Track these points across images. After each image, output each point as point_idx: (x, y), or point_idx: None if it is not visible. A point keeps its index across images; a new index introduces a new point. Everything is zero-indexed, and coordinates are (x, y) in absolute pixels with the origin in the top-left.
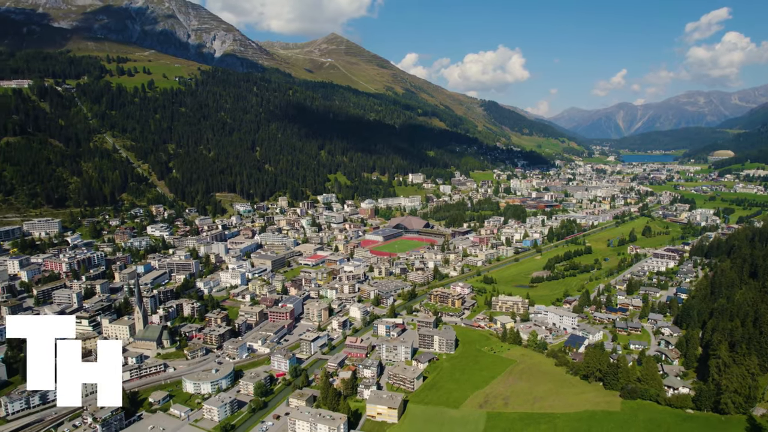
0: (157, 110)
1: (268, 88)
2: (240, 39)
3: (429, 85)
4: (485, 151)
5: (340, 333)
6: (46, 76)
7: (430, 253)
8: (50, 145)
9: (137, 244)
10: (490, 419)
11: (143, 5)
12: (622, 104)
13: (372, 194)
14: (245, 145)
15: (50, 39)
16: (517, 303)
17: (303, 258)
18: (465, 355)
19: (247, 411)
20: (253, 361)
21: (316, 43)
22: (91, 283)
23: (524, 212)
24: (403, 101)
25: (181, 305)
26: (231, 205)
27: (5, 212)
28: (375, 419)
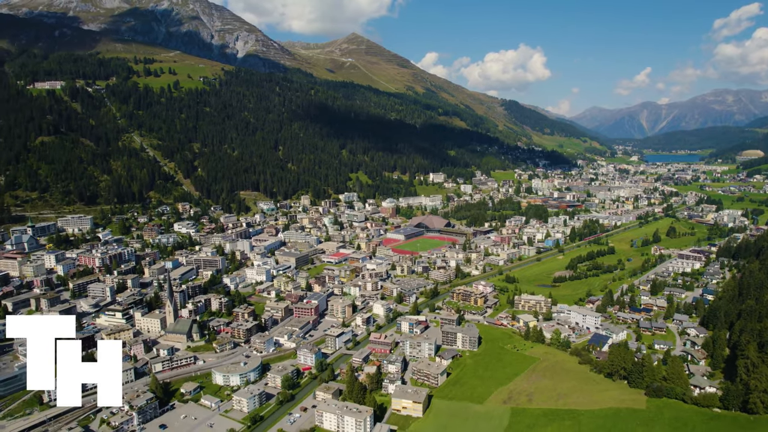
0: (183, 110)
1: (290, 88)
2: (262, 39)
3: (449, 85)
4: (506, 150)
5: (364, 329)
6: (77, 77)
7: (451, 252)
8: (82, 145)
9: (165, 240)
10: (515, 415)
11: (168, 7)
12: (646, 103)
13: (393, 193)
14: (268, 145)
15: (80, 41)
16: (540, 302)
17: (326, 256)
18: (488, 352)
19: (275, 403)
20: (280, 355)
21: (336, 43)
22: (123, 277)
23: (546, 212)
24: (423, 101)
25: (209, 300)
26: (255, 204)
27: (41, 209)
28: (400, 413)
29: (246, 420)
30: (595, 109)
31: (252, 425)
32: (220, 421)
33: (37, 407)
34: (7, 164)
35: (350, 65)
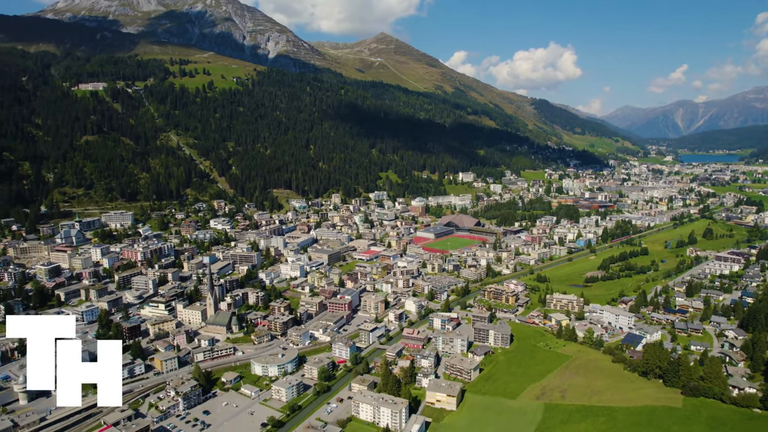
0: (217, 110)
1: (320, 87)
2: (293, 40)
3: (478, 84)
4: (536, 150)
5: (397, 325)
6: (118, 78)
7: (482, 251)
8: (122, 143)
9: (202, 236)
10: (548, 410)
11: (202, 9)
12: (682, 102)
13: (422, 192)
14: (300, 144)
15: (120, 44)
16: (572, 301)
17: (357, 253)
18: (520, 349)
19: (312, 393)
20: (315, 348)
21: (365, 42)
22: (164, 271)
23: (577, 212)
24: (452, 100)
25: (246, 294)
26: (287, 201)
27: (86, 205)
28: (434, 406)
29: (285, 409)
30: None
31: (291, 414)
32: (260, 410)
33: (91, 390)
34: (56, 162)
35: (379, 65)
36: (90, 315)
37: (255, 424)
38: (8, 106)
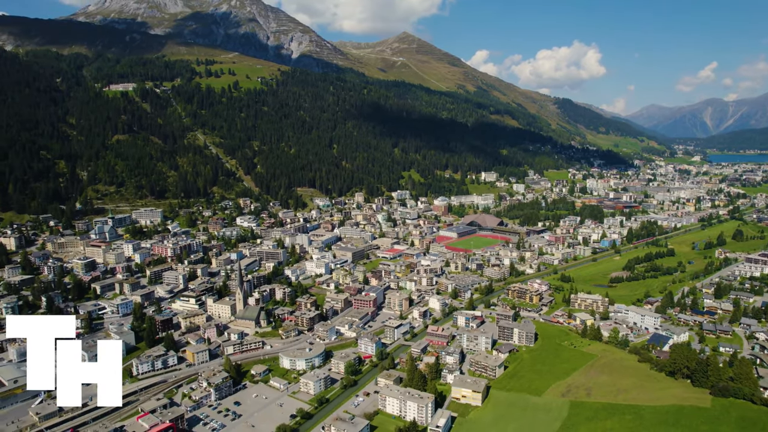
0: (242, 109)
1: (343, 87)
2: (316, 40)
3: (501, 83)
4: (559, 149)
5: (421, 322)
6: (146, 79)
7: (505, 251)
8: (151, 142)
9: (229, 233)
10: (573, 407)
11: (227, 10)
12: (711, 100)
13: (445, 192)
14: (323, 143)
15: (148, 45)
16: (597, 301)
17: (380, 251)
18: (545, 348)
19: (339, 387)
20: (341, 343)
21: (387, 42)
22: (193, 267)
23: (601, 212)
24: (475, 99)
25: (273, 290)
26: (311, 200)
27: (118, 202)
28: (459, 401)
29: (313, 401)
30: (653, 107)
31: (319, 406)
32: (289, 402)
33: (128, 379)
34: (89, 161)
35: (401, 64)
36: (125, 308)
37: (284, 415)
38: (45, 107)
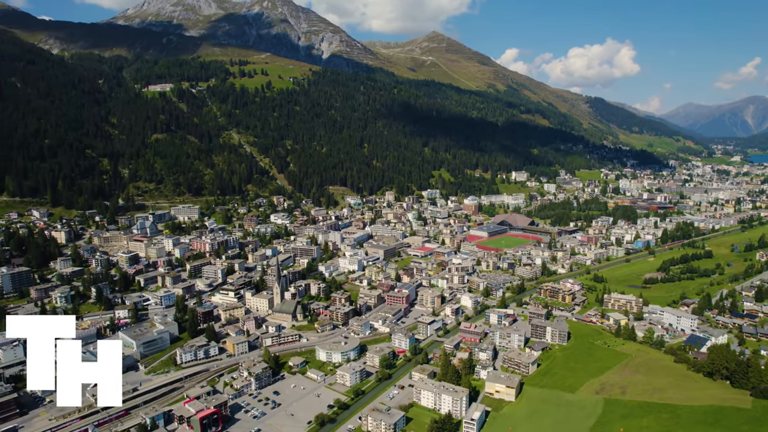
0: (275, 109)
1: (374, 87)
2: (346, 40)
3: (531, 82)
4: (591, 149)
5: (453, 319)
6: (183, 79)
7: (537, 250)
8: (188, 141)
9: (263, 230)
10: (608, 405)
11: (259, 11)
12: (753, 98)
13: (475, 191)
14: (354, 142)
15: (184, 47)
16: (631, 301)
17: (412, 249)
18: (577, 346)
19: (374, 380)
20: (375, 338)
21: (417, 41)
22: (231, 261)
23: (635, 213)
24: (505, 98)
25: (308, 285)
26: (342, 198)
27: (157, 198)
28: (493, 396)
29: (349, 393)
30: (690, 106)
31: (355, 397)
32: (326, 392)
33: (173, 367)
34: (130, 159)
35: (431, 63)
36: (167, 300)
37: (322, 405)
38: (89, 107)
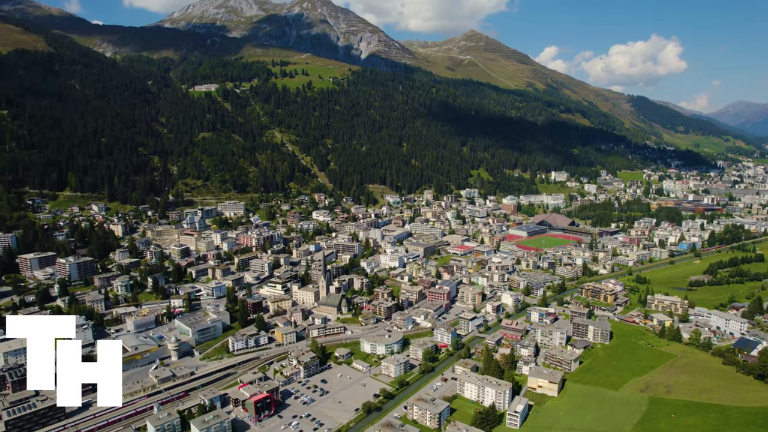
0: (316, 108)
1: (412, 86)
2: (384, 40)
3: (571, 81)
4: (633, 149)
5: (494, 316)
6: (227, 80)
7: (577, 251)
8: (233, 139)
9: (306, 226)
10: (653, 403)
11: (299, 12)
12: None
13: (514, 191)
14: (393, 141)
15: (227, 48)
16: (675, 303)
17: (451, 247)
18: (620, 345)
19: (417, 372)
20: (417, 332)
21: (454, 40)
22: (276, 256)
23: (679, 215)
24: (544, 98)
25: (351, 280)
26: (381, 196)
27: (204, 195)
28: (535, 391)
29: (394, 383)
30: (741, 104)
31: (399, 388)
32: (371, 382)
33: (226, 354)
34: (178, 156)
35: (468, 62)
36: (218, 291)
37: (368, 394)
38: (140, 107)
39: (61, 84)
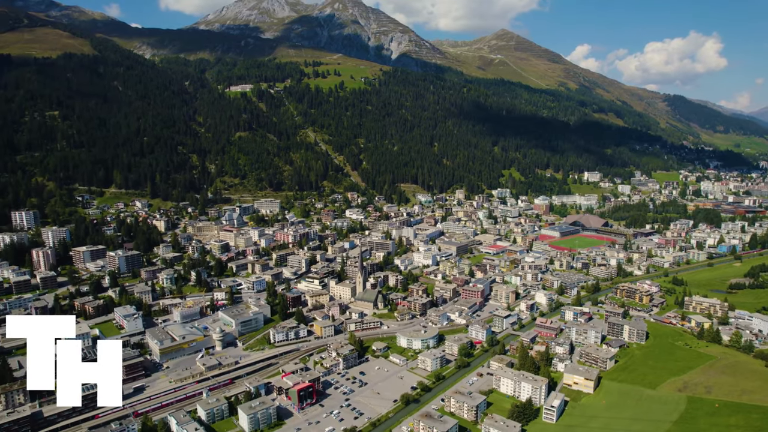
0: (348, 108)
1: (443, 86)
2: (415, 40)
3: (604, 80)
4: (669, 150)
5: (528, 315)
6: (261, 80)
7: (611, 251)
8: (268, 139)
9: (340, 224)
10: (692, 403)
11: (330, 13)
12: None
13: (546, 191)
14: (425, 141)
15: (260, 49)
16: (715, 305)
17: (483, 247)
18: (657, 346)
19: (453, 366)
20: (452, 328)
21: (485, 39)
22: (312, 252)
23: (718, 216)
24: (576, 97)
25: (386, 276)
26: (413, 195)
27: (241, 192)
28: (571, 387)
29: (430, 377)
30: None
31: (436, 381)
32: (408, 375)
33: (267, 345)
34: (216, 155)
35: (499, 62)
36: (258, 285)
37: (405, 387)
38: (178, 107)
39: (106, 86)
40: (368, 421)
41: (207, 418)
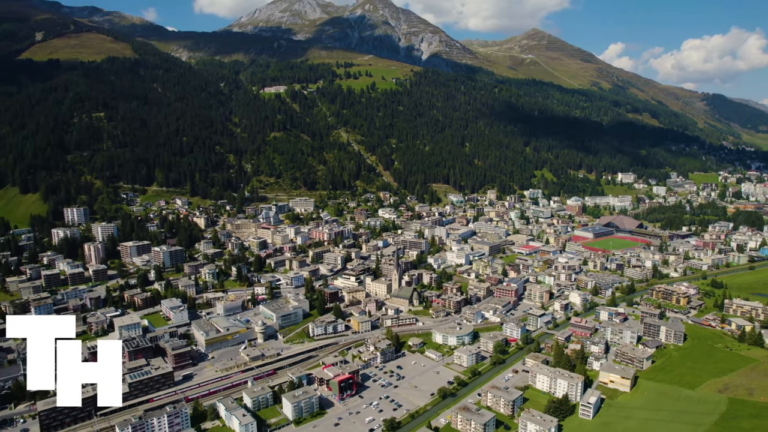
0: (380, 109)
1: (474, 87)
2: (445, 40)
3: (638, 79)
4: (707, 150)
5: (562, 314)
6: (294, 81)
7: (646, 253)
8: (302, 139)
9: (373, 223)
10: (732, 404)
11: (361, 14)
12: None
13: (578, 192)
14: (456, 141)
15: (293, 50)
16: (757, 308)
17: (516, 247)
18: (695, 347)
19: (488, 363)
20: (487, 326)
21: (515, 39)
22: (347, 250)
23: (760, 219)
24: (610, 97)
25: (421, 274)
26: (444, 195)
27: (277, 191)
28: (607, 386)
29: (466, 372)
30: None
31: (472, 377)
32: (444, 371)
33: (306, 339)
34: (252, 155)
35: (530, 62)
36: (296, 281)
37: (442, 381)
38: (215, 108)
39: (146, 87)
40: (407, 412)
41: (253, 406)
